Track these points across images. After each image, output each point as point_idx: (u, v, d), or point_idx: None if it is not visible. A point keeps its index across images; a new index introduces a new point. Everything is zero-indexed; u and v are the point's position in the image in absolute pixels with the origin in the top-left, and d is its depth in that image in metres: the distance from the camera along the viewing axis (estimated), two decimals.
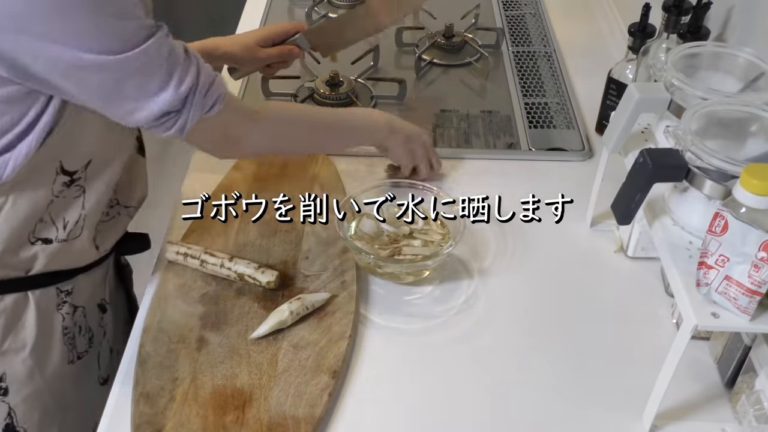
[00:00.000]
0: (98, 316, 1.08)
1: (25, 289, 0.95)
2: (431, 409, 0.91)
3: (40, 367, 0.99)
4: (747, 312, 0.77)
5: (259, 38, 1.23)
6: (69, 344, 1.02)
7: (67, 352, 1.02)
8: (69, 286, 0.99)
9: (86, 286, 1.03)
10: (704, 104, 0.88)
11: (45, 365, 0.99)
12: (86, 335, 1.05)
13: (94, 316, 1.07)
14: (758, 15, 1.10)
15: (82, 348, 1.05)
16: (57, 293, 0.98)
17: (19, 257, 0.92)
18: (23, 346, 0.96)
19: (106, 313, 1.09)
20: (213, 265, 1.02)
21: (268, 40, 1.24)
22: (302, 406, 0.87)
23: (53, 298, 0.98)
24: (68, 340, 1.01)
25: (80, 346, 1.04)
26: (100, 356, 1.09)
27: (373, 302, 1.03)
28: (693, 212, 0.87)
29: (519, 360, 0.97)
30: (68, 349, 1.02)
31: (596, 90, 1.31)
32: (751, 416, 0.86)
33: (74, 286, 1.00)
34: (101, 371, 1.09)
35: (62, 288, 0.99)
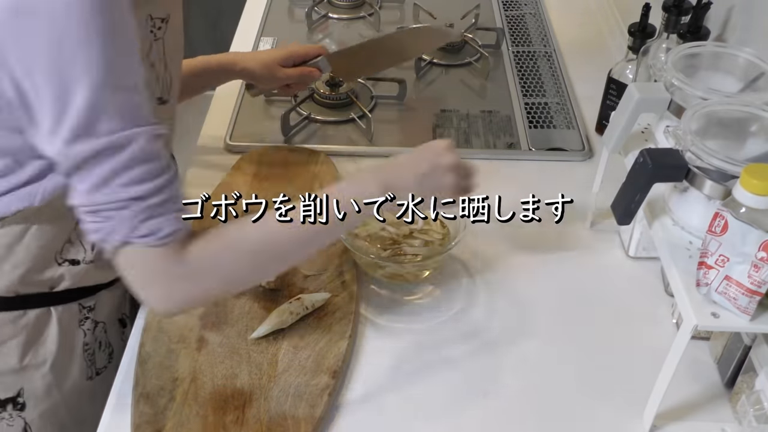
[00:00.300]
0: (119, 331, 1.08)
1: (49, 304, 0.95)
2: (431, 408, 0.91)
3: (59, 383, 0.98)
4: (747, 312, 0.77)
5: (280, 58, 1.20)
6: (89, 360, 1.02)
7: (86, 368, 1.02)
8: (91, 302, 0.99)
9: (108, 302, 1.02)
10: (704, 104, 0.88)
11: (64, 381, 0.99)
12: (106, 351, 1.05)
13: (115, 331, 1.07)
14: (758, 15, 1.10)
15: (102, 364, 1.04)
16: (80, 309, 0.98)
17: (44, 276, 0.92)
18: (44, 362, 0.96)
19: (127, 327, 1.09)
20: None
21: (289, 60, 1.21)
22: (302, 406, 0.87)
23: (76, 314, 0.98)
24: (88, 356, 1.01)
25: (100, 361, 1.04)
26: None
27: (373, 302, 1.03)
28: (693, 212, 0.87)
29: (518, 360, 0.97)
30: (87, 365, 1.02)
31: (596, 90, 1.31)
32: (751, 416, 0.86)
33: (96, 301, 1.00)
34: None
35: (85, 304, 0.98)
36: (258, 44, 1.59)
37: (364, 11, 1.72)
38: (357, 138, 1.34)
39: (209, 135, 1.33)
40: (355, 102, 1.39)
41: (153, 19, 0.86)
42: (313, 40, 1.63)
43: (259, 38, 1.61)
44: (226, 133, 1.32)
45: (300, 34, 1.64)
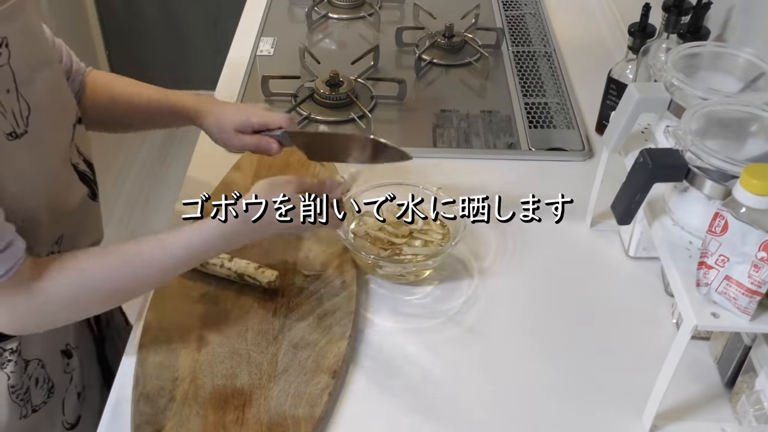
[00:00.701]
0: (62, 363, 1.03)
1: None
2: (431, 409, 0.91)
3: None
4: (747, 312, 0.77)
5: (238, 123, 1.05)
6: (20, 400, 0.97)
7: (17, 408, 0.97)
8: (14, 344, 0.94)
9: (38, 338, 0.97)
10: (704, 104, 0.88)
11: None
12: (44, 386, 1.00)
13: (57, 364, 1.02)
14: (758, 15, 1.10)
15: (39, 400, 0.99)
16: (0, 352, 0.93)
17: None
18: None
19: (72, 358, 1.04)
20: (213, 265, 1.02)
21: (248, 126, 1.05)
22: (302, 406, 0.87)
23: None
24: (17, 396, 0.96)
25: (36, 398, 0.99)
26: (65, 402, 1.04)
27: (373, 302, 1.03)
28: (693, 212, 0.87)
29: (519, 360, 0.97)
30: (20, 405, 0.97)
31: (596, 90, 1.31)
32: (751, 416, 0.86)
33: (21, 341, 0.95)
34: (66, 417, 1.04)
35: (5, 347, 0.93)
36: (258, 44, 1.59)
37: (364, 11, 1.72)
38: None
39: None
40: (355, 102, 1.39)
41: None
42: (313, 40, 1.63)
43: (259, 38, 1.61)
44: None
45: (300, 34, 1.64)
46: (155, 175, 2.79)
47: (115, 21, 2.98)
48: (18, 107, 0.83)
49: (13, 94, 0.83)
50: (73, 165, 0.97)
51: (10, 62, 0.82)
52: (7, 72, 0.82)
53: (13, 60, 0.82)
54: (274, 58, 1.56)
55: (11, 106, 0.83)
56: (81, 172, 0.99)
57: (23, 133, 0.84)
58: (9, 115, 0.82)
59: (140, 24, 2.98)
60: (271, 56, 1.56)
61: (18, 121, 0.83)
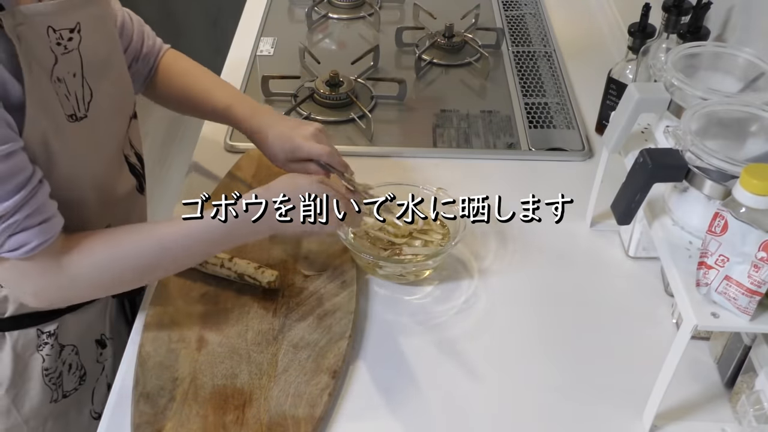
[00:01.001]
0: (95, 352, 1.06)
1: (1, 330, 0.94)
2: (431, 409, 0.91)
3: (17, 406, 0.98)
4: (747, 312, 0.77)
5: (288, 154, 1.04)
6: (53, 384, 1.00)
7: (49, 391, 1.00)
8: (52, 327, 0.98)
9: (75, 325, 1.01)
10: (704, 104, 0.88)
11: (22, 404, 0.98)
12: (77, 372, 1.03)
13: (90, 352, 1.05)
14: (758, 15, 1.10)
15: (71, 386, 1.03)
16: (38, 334, 0.97)
17: None
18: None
19: (106, 348, 1.07)
20: (213, 264, 1.02)
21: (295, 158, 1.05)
22: (302, 406, 0.87)
23: (33, 339, 0.97)
24: (50, 380, 1.00)
25: (68, 384, 1.02)
26: (95, 392, 1.07)
27: (373, 302, 1.03)
28: (693, 212, 0.87)
29: (519, 360, 0.97)
30: (52, 389, 1.00)
31: (596, 90, 1.31)
32: (751, 416, 0.86)
33: (59, 325, 0.98)
34: (94, 406, 1.07)
35: (44, 329, 0.97)
36: (258, 44, 1.59)
37: (364, 11, 1.72)
38: (357, 138, 1.34)
39: (209, 135, 1.33)
40: (355, 102, 1.39)
41: (57, 31, 0.82)
42: (313, 40, 1.63)
43: (259, 38, 1.61)
44: (227, 134, 1.32)
45: (300, 34, 1.64)
46: (155, 175, 2.79)
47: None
48: (81, 92, 0.87)
49: (78, 79, 0.86)
50: (125, 155, 1.00)
51: (80, 48, 0.86)
52: (75, 57, 0.85)
53: (83, 46, 0.86)
54: (274, 58, 1.56)
55: (75, 90, 0.86)
56: (131, 164, 1.02)
57: (83, 117, 0.88)
58: (72, 98, 0.86)
59: None
60: (271, 56, 1.56)
61: (80, 105, 0.87)
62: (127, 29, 1.06)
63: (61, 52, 0.83)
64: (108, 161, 0.96)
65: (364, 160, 1.27)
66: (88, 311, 1.02)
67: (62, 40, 0.83)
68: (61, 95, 0.84)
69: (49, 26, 0.81)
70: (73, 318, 1.00)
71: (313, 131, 1.04)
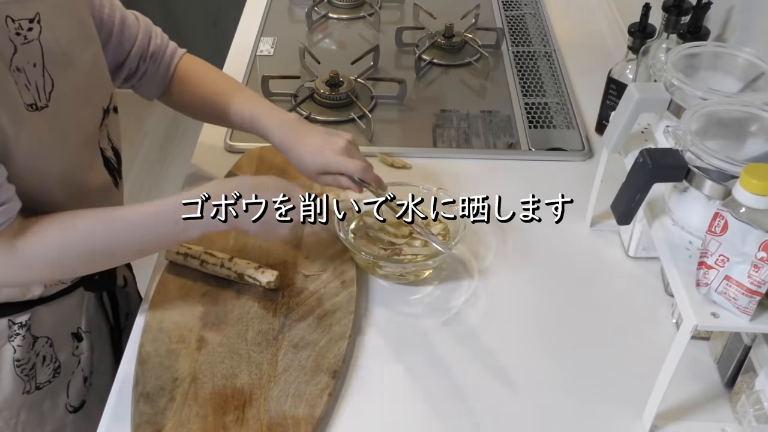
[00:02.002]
0: (71, 345, 1.06)
1: None
2: (431, 408, 0.91)
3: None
4: (747, 312, 0.77)
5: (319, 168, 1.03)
6: (25, 375, 1.00)
7: (21, 382, 1.00)
8: (24, 318, 0.97)
9: (50, 317, 1.01)
10: (704, 104, 0.88)
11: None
12: (51, 365, 1.03)
13: (66, 345, 1.05)
14: (758, 15, 1.10)
15: (44, 378, 1.02)
16: (9, 325, 0.97)
17: None
18: None
19: (83, 341, 1.07)
20: (213, 265, 1.02)
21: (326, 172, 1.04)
22: (302, 406, 0.87)
23: (3, 329, 0.97)
24: (23, 371, 1.00)
25: (41, 376, 1.02)
26: (71, 385, 1.07)
27: (373, 302, 1.03)
28: (693, 212, 0.87)
29: (519, 360, 0.97)
30: (24, 380, 1.00)
31: (596, 90, 1.31)
32: (751, 416, 0.86)
33: (31, 316, 0.98)
34: (70, 399, 1.07)
35: (15, 320, 0.97)
36: (258, 44, 1.59)
37: (364, 11, 1.72)
38: (357, 138, 1.32)
39: (209, 135, 1.33)
40: (355, 102, 1.39)
41: (15, 21, 0.82)
42: (313, 40, 1.63)
43: (259, 38, 1.61)
44: (227, 134, 1.32)
45: (300, 34, 1.64)
46: (155, 175, 2.79)
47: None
48: (42, 82, 0.87)
49: (39, 69, 0.86)
50: (101, 149, 1.00)
51: (40, 38, 0.85)
52: (35, 47, 0.85)
53: (44, 37, 0.86)
54: (274, 58, 1.56)
55: (35, 80, 0.86)
56: (107, 158, 1.01)
57: (44, 107, 0.87)
58: (32, 88, 0.86)
59: None
60: (271, 56, 1.56)
61: (40, 94, 0.87)
62: (131, 28, 1.06)
63: (20, 42, 0.83)
64: (77, 152, 0.95)
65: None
66: (63, 303, 1.02)
67: (21, 30, 0.83)
68: (20, 84, 0.84)
69: (8, 16, 0.81)
70: (46, 310, 1.00)
71: (345, 145, 1.02)
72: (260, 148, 1.27)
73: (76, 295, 1.04)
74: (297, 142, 1.04)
